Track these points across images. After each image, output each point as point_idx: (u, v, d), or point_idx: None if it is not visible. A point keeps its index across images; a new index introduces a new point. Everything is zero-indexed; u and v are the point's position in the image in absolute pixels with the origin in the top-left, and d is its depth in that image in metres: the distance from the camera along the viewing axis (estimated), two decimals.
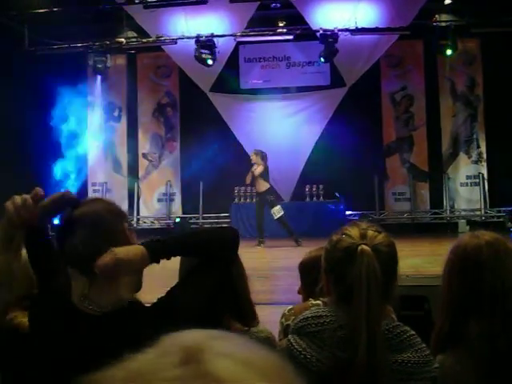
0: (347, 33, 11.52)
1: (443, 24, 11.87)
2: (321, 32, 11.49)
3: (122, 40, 12.29)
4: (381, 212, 12.77)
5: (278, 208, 10.51)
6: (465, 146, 12.84)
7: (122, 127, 13.82)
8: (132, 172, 13.68)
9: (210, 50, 11.60)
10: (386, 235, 1.58)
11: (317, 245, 2.37)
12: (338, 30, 11.41)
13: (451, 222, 12.62)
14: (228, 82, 12.88)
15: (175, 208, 13.57)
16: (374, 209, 12.67)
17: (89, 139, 13.53)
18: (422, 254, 8.43)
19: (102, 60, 12.66)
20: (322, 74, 13.17)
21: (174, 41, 12.07)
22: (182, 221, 12.95)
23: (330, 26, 11.43)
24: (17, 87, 10.90)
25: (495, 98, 12.09)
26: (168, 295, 1.49)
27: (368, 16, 11.53)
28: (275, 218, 10.46)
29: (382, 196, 12.90)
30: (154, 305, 1.47)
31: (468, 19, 11.62)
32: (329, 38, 11.38)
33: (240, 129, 13.02)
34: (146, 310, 1.46)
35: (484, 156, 12.73)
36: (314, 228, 10.96)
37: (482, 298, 1.66)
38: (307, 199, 12.58)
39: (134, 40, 12.49)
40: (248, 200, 12.50)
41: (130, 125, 13.75)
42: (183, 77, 13.01)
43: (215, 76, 12.50)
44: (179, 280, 1.55)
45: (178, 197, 13.63)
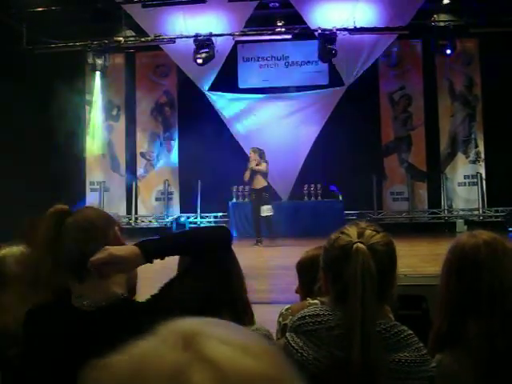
0: (346, 32, 11.53)
1: (441, 24, 11.90)
2: (319, 31, 11.50)
3: (121, 39, 12.29)
4: (379, 211, 12.79)
5: (270, 207, 10.56)
6: (463, 145, 12.85)
7: (120, 126, 13.82)
8: (130, 171, 13.67)
9: (208, 49, 11.60)
10: (385, 235, 1.58)
11: (315, 244, 2.37)
12: (337, 30, 11.42)
13: (449, 221, 12.63)
14: (226, 81, 12.88)
15: (173, 207, 13.57)
16: (372, 208, 12.69)
17: (87, 138, 13.54)
18: (419, 253, 8.43)
19: (100, 59, 12.66)
20: (320, 74, 13.18)
21: (172, 40, 12.07)
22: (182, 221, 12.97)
23: (328, 26, 11.44)
24: (15, 86, 10.87)
25: (493, 98, 12.10)
26: (161, 291, 1.51)
27: (366, 16, 11.54)
28: (263, 214, 10.49)
29: (380, 196, 12.92)
30: (147, 300, 1.49)
31: (466, 19, 11.64)
32: (327, 37, 11.38)
33: (238, 128, 13.02)
34: (140, 304, 1.48)
35: (482, 156, 12.75)
36: (311, 227, 10.98)
37: (480, 298, 1.65)
38: (305, 198, 12.58)
39: (132, 39, 12.49)
40: (246, 199, 12.49)
41: (128, 124, 13.75)
42: (181, 76, 12.99)
43: (213, 75, 12.50)
44: (172, 277, 1.56)
45: (175, 196, 13.63)
